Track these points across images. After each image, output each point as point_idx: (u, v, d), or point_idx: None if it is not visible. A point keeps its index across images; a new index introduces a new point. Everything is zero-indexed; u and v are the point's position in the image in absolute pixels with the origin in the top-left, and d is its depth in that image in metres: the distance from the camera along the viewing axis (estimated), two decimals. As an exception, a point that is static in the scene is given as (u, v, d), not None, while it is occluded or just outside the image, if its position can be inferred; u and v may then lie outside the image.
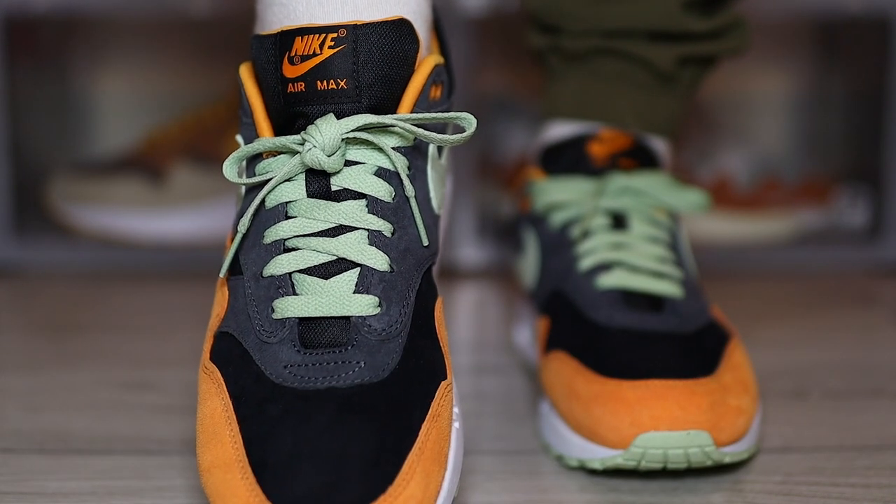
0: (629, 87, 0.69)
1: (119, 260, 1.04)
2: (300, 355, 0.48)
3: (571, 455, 0.57)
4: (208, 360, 0.51)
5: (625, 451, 0.54)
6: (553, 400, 0.59)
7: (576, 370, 0.58)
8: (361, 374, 0.48)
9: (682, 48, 0.68)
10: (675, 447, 0.53)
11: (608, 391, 0.55)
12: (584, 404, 0.56)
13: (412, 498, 0.45)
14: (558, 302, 0.63)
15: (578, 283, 0.63)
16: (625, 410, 0.54)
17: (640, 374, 0.55)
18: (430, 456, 0.47)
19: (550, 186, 0.68)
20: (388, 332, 0.49)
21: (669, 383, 0.54)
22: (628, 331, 0.59)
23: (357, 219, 0.51)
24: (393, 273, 0.50)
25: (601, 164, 0.67)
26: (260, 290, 0.51)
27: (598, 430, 0.55)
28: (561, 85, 0.71)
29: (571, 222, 0.66)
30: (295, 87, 0.51)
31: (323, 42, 0.50)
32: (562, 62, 0.71)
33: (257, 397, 0.48)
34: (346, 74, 0.50)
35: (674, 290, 0.61)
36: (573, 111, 0.70)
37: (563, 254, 0.65)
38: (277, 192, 0.51)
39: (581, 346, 0.59)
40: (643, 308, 0.60)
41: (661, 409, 0.54)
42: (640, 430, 0.53)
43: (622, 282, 0.61)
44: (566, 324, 0.62)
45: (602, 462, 0.55)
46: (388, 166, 0.51)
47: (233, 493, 0.45)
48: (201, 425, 0.49)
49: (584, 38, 0.69)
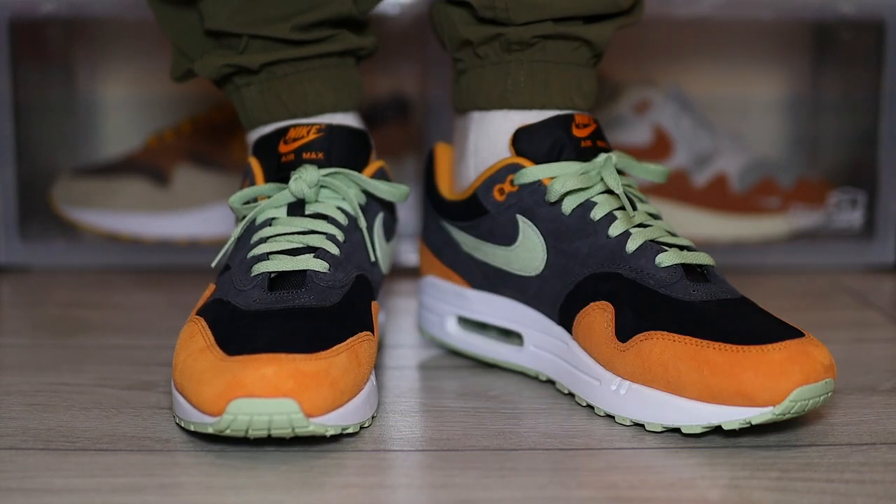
0: (575, 67, 0.71)
1: (123, 260, 1.04)
2: (266, 294, 0.64)
3: (695, 422, 0.61)
4: (194, 315, 0.65)
5: (777, 406, 0.59)
6: (656, 377, 0.62)
7: (697, 344, 0.61)
8: (310, 301, 0.63)
9: (614, 24, 0.72)
10: (813, 397, 0.60)
11: (752, 357, 0.59)
12: (727, 372, 0.59)
13: (342, 366, 0.59)
14: (616, 284, 0.65)
15: (639, 264, 0.65)
16: (778, 370, 0.59)
17: (767, 339, 0.60)
18: (355, 357, 0.61)
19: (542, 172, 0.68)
20: (333, 284, 0.65)
21: (794, 342, 0.60)
22: (710, 302, 0.63)
23: (321, 227, 0.68)
24: (342, 257, 0.67)
25: (586, 146, 0.69)
26: (243, 267, 0.66)
27: (749, 392, 0.59)
28: (500, 73, 0.71)
29: (587, 206, 0.67)
30: (287, 158, 0.70)
31: (309, 131, 0.70)
32: (500, 52, 0.71)
33: (229, 318, 0.62)
34: (323, 150, 0.70)
35: (710, 260, 0.66)
36: (528, 98, 0.71)
37: (592, 237, 0.67)
38: (265, 212, 0.69)
39: (683, 323, 0.62)
40: (701, 279, 0.65)
41: (809, 363, 0.59)
42: (796, 385, 0.59)
43: (681, 258, 0.65)
44: (646, 305, 0.64)
45: (755, 418, 0.59)
46: (346, 207, 0.69)
47: (200, 365, 0.59)
48: (179, 343, 0.62)
49: (535, 25, 0.70)
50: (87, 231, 1.07)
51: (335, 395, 0.59)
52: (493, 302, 0.74)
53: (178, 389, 0.60)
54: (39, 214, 1.09)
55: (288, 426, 0.57)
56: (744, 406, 0.59)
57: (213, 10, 0.71)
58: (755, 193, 1.08)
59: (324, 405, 0.58)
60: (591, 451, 0.61)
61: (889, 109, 1.02)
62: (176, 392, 0.61)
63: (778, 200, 1.08)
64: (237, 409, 0.56)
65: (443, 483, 0.57)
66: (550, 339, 0.70)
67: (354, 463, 0.59)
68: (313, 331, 0.60)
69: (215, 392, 0.57)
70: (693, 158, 1.09)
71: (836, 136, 1.17)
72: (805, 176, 1.11)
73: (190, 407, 0.59)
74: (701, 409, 0.61)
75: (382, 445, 0.61)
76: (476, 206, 0.72)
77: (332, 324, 0.62)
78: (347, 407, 0.60)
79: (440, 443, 0.62)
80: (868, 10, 1.00)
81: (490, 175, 0.71)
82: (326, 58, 0.73)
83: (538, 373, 0.72)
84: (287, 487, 0.56)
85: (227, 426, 0.57)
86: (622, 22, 0.72)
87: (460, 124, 0.76)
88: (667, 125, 1.10)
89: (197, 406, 0.58)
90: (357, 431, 0.62)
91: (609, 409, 0.65)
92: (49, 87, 1.14)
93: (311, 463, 0.58)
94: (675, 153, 1.09)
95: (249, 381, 0.56)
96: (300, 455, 0.59)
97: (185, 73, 0.75)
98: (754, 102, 1.22)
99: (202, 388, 0.58)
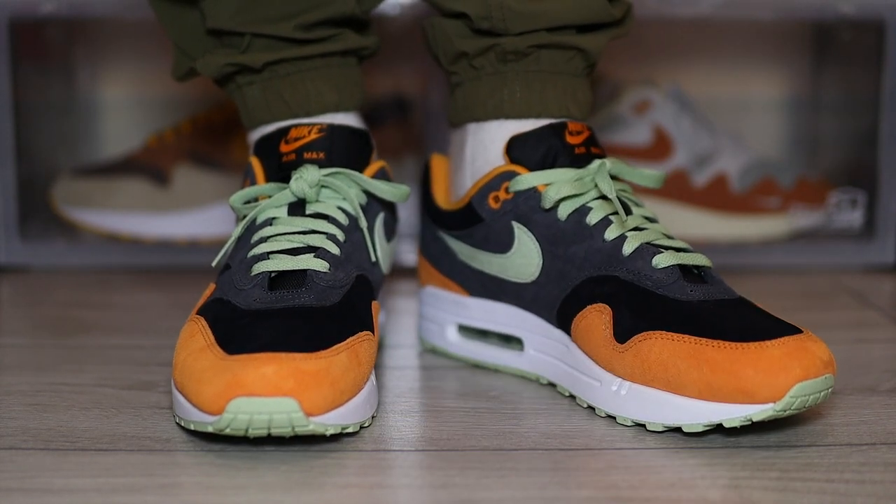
0: (569, 77, 0.72)
1: (123, 260, 1.04)
2: (266, 293, 0.64)
3: (696, 421, 0.61)
4: (194, 314, 0.65)
5: (777, 403, 0.59)
6: (656, 376, 0.62)
7: (696, 343, 0.61)
8: (310, 301, 0.63)
9: (607, 34, 0.72)
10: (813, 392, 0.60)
11: (751, 353, 0.59)
12: (727, 369, 0.60)
13: (342, 366, 0.59)
14: (613, 287, 0.65)
15: (636, 266, 0.65)
16: (778, 366, 0.59)
17: (765, 336, 0.60)
18: (355, 356, 0.61)
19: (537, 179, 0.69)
20: (334, 283, 0.65)
21: (791, 339, 0.60)
22: (707, 301, 0.64)
23: (321, 226, 0.67)
24: (342, 257, 0.67)
25: (580, 153, 0.70)
26: (243, 266, 0.66)
27: (749, 388, 0.59)
28: (495, 83, 0.72)
29: (582, 211, 0.68)
30: (288, 157, 0.70)
31: (310, 131, 0.70)
32: (495, 63, 0.71)
33: (229, 318, 0.62)
34: (325, 150, 0.69)
35: (707, 261, 0.67)
36: (524, 108, 0.71)
37: (588, 241, 0.67)
38: (266, 212, 0.69)
39: (682, 322, 0.62)
40: (698, 280, 0.66)
41: (808, 359, 0.60)
42: (796, 380, 0.59)
43: (677, 259, 0.65)
44: (644, 306, 0.64)
45: (756, 415, 0.59)
46: (347, 207, 0.69)
47: (200, 365, 0.59)
48: (179, 342, 0.62)
49: (530, 35, 0.70)
50: (87, 231, 1.07)
51: (335, 395, 0.59)
52: (491, 308, 0.74)
53: (178, 388, 0.60)
54: (39, 214, 1.09)
55: (288, 425, 0.57)
56: (744, 403, 0.59)
57: (215, 10, 0.71)
58: (755, 193, 1.08)
59: (324, 404, 0.58)
60: (591, 451, 0.61)
61: (889, 109, 1.02)
62: (176, 391, 0.61)
63: (778, 200, 1.08)
64: (237, 408, 0.56)
65: (443, 483, 0.57)
66: (550, 343, 0.70)
67: (354, 463, 0.59)
68: (313, 330, 0.61)
69: (215, 391, 0.57)
70: (693, 158, 1.10)
71: (836, 136, 1.17)
72: (805, 176, 1.11)
73: (190, 406, 0.59)
74: (701, 408, 0.61)
75: (382, 445, 0.61)
76: (471, 215, 0.72)
77: (333, 323, 0.62)
78: (347, 406, 0.60)
79: (440, 443, 0.62)
80: (868, 10, 1.00)
81: (485, 183, 0.71)
82: (329, 57, 0.73)
83: (538, 376, 0.72)
84: (287, 487, 0.56)
85: (226, 425, 0.57)
86: (615, 32, 0.73)
87: (456, 137, 0.76)
88: (667, 125, 1.10)
89: (197, 405, 0.58)
90: (357, 431, 0.62)
91: (610, 409, 0.65)
92: (49, 87, 1.14)
93: (311, 463, 0.58)
94: (675, 153, 1.09)
95: (249, 381, 0.56)
96: (300, 455, 0.59)
97: (187, 73, 0.75)
98: (754, 102, 1.22)
99: (202, 387, 0.58)
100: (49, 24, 1.11)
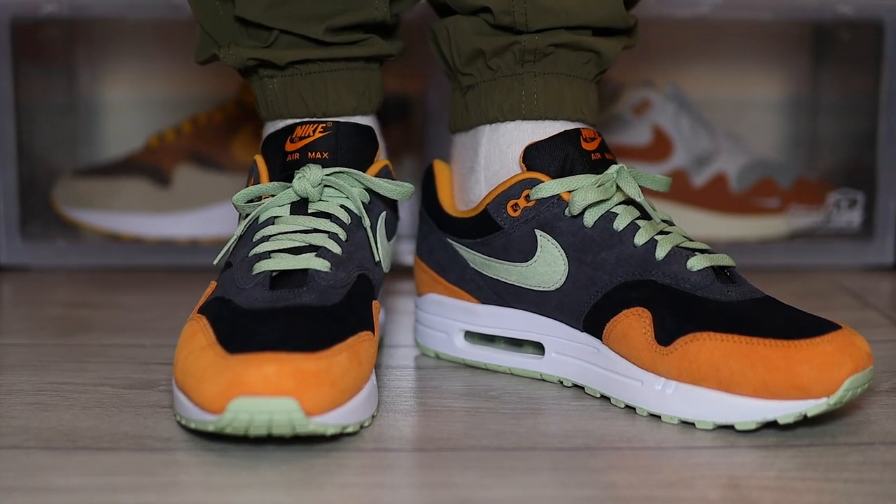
0: (582, 81, 0.72)
1: (124, 260, 1.04)
2: (268, 292, 0.64)
3: (749, 419, 0.62)
4: (196, 313, 0.65)
5: (831, 396, 0.60)
6: (706, 376, 0.62)
7: (748, 342, 0.62)
8: (311, 300, 0.63)
9: (620, 41, 0.73)
10: (861, 384, 0.62)
11: (805, 350, 0.61)
12: (781, 366, 0.61)
13: (342, 366, 0.59)
14: (650, 291, 0.66)
15: (671, 270, 0.66)
16: (831, 361, 0.60)
17: (813, 333, 0.62)
18: (355, 356, 0.61)
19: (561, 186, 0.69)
20: (335, 283, 0.65)
21: (839, 334, 0.62)
22: (745, 301, 0.65)
23: (324, 225, 0.67)
24: (344, 257, 0.67)
25: (596, 159, 0.70)
26: (245, 265, 0.66)
27: (804, 384, 0.60)
28: (512, 84, 0.71)
29: (609, 217, 0.68)
30: (292, 157, 0.70)
31: (315, 130, 0.70)
32: (512, 64, 0.71)
33: (230, 316, 0.62)
34: (328, 149, 0.69)
35: (731, 261, 0.68)
36: (541, 110, 0.71)
37: (618, 247, 0.67)
38: (268, 211, 0.68)
39: (728, 322, 0.63)
40: (730, 281, 0.67)
41: (856, 353, 0.61)
42: (848, 374, 0.61)
43: (710, 261, 0.66)
44: (686, 308, 0.64)
45: (811, 410, 0.61)
46: (350, 205, 0.69)
47: (202, 363, 0.59)
48: (180, 341, 0.63)
49: (549, 33, 0.70)
50: (88, 231, 1.07)
51: (335, 395, 0.59)
52: (504, 315, 0.73)
53: (179, 387, 0.61)
54: (41, 215, 1.09)
55: (288, 425, 0.57)
56: (798, 399, 0.61)
57: (248, 1, 0.71)
58: (754, 194, 1.08)
59: (324, 404, 0.58)
60: (590, 451, 0.61)
61: (888, 110, 1.02)
62: (177, 390, 0.61)
63: (777, 201, 1.08)
64: (238, 407, 0.57)
65: (443, 483, 0.57)
66: (576, 346, 0.70)
67: (354, 462, 0.59)
68: (314, 330, 0.61)
69: (216, 390, 0.57)
70: (692, 159, 1.10)
71: (834, 136, 1.17)
72: (804, 176, 1.11)
73: (191, 405, 0.59)
74: (755, 405, 0.61)
75: (382, 445, 0.62)
76: (487, 223, 0.71)
77: (333, 323, 0.62)
78: (348, 406, 0.60)
79: (440, 443, 0.62)
80: (867, 11, 1.00)
81: (503, 191, 0.70)
82: (353, 61, 0.73)
83: (561, 378, 0.72)
84: (287, 487, 0.56)
85: (227, 424, 0.57)
86: (626, 41, 0.74)
87: (465, 141, 0.75)
88: (666, 126, 1.10)
89: (198, 404, 0.58)
90: (357, 431, 0.62)
91: (654, 409, 0.65)
92: (50, 88, 1.14)
93: (312, 462, 0.59)
94: (674, 154, 1.09)
95: (250, 380, 0.57)
96: (300, 454, 0.59)
97: (210, 58, 0.75)
98: (753, 103, 1.22)
99: (203, 386, 0.58)
100: (50, 25, 1.11)
